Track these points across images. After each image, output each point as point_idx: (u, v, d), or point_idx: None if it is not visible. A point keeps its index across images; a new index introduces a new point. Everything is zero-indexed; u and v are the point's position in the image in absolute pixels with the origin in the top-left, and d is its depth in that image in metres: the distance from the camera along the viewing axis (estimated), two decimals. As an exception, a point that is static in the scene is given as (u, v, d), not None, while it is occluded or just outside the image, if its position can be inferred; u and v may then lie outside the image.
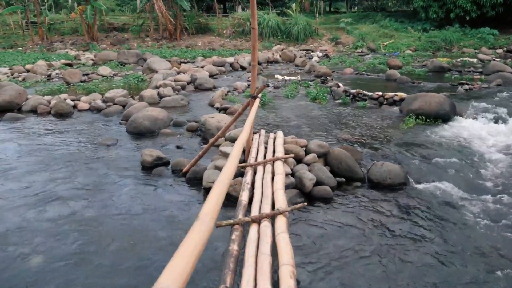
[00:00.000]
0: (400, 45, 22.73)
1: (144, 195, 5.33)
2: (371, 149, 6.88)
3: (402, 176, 5.51)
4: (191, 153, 6.99)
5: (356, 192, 5.35)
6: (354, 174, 5.61)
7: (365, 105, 10.19)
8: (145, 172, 6.13)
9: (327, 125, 8.49)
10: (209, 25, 29.51)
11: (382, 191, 5.36)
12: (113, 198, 5.26)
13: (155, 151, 6.46)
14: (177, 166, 6.08)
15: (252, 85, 5.14)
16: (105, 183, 5.75)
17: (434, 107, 8.67)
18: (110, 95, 10.80)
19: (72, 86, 13.51)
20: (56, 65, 17.82)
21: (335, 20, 30.78)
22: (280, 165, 4.40)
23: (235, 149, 3.04)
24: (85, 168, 6.33)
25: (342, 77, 14.27)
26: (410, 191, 5.40)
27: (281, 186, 3.77)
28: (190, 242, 1.51)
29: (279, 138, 5.55)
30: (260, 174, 4.31)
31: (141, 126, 8.13)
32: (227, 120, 7.79)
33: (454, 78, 13.06)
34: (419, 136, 7.62)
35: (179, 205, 5.04)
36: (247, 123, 4.18)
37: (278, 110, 9.85)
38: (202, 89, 12.73)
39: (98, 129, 8.67)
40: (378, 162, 5.74)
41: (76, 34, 29.08)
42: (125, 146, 7.46)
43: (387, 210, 4.89)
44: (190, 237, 1.53)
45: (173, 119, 8.92)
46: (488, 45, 21.81)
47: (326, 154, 5.83)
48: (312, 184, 5.09)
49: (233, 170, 2.61)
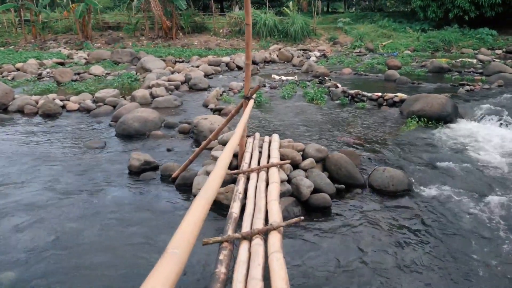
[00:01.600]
0: (398, 45, 22.43)
1: (128, 204, 4.97)
2: (371, 153, 6.54)
3: (405, 182, 5.18)
4: (182, 157, 6.64)
5: (357, 200, 5.00)
6: (355, 181, 5.27)
7: (364, 106, 9.86)
8: (132, 178, 5.77)
9: (325, 127, 8.16)
10: (206, 24, 29.11)
11: (384, 199, 5.02)
12: (94, 207, 4.90)
13: (143, 155, 6.10)
14: (166, 171, 5.73)
15: (245, 85, 4.80)
16: (87, 189, 5.38)
17: (436, 108, 8.35)
18: (101, 95, 10.43)
19: (63, 85, 13.11)
20: (47, 64, 17.40)
21: (333, 20, 30.46)
22: (275, 172, 4.04)
23: (223, 155, 2.70)
24: (68, 172, 5.97)
25: (340, 77, 13.94)
26: (414, 198, 5.06)
27: (275, 197, 3.42)
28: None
29: (274, 142, 5.19)
30: (253, 182, 3.95)
31: (130, 128, 7.77)
32: (220, 121, 7.45)
33: (454, 79, 12.75)
34: (421, 139, 7.29)
35: (165, 216, 4.68)
36: (239, 126, 3.84)
37: (274, 111, 9.51)
38: (197, 89, 12.37)
39: (86, 131, 8.30)
40: (380, 168, 5.40)
41: (70, 32, 28.61)
42: (113, 149, 7.09)
43: (390, 220, 4.56)
44: (151, 279, 1.19)
45: (165, 121, 8.56)
46: (487, 45, 21.53)
47: (324, 159, 5.49)
48: (309, 192, 4.74)
49: (219, 180, 2.27)
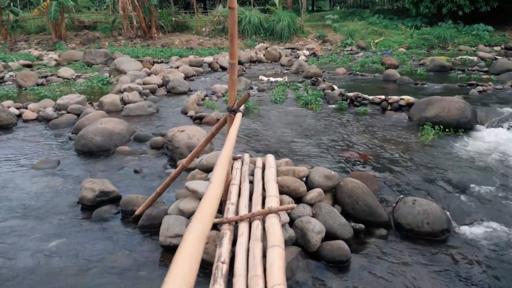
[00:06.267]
0: (391, 42, 21.28)
1: (69, 256, 3.60)
2: (387, 173, 5.27)
3: (444, 219, 3.90)
4: (152, 181, 5.30)
5: (383, 246, 3.72)
6: (376, 217, 3.98)
7: (366, 111, 8.61)
8: (83, 215, 4.40)
9: (325, 138, 6.88)
10: (187, 23, 27.63)
11: (418, 243, 3.74)
12: (25, 259, 3.52)
13: (100, 182, 4.72)
14: (129, 205, 4.36)
15: (230, 94, 3.48)
16: (19, 232, 3.99)
17: (454, 114, 7.14)
18: (63, 102, 8.99)
19: (25, 90, 11.61)
20: (13, 67, 15.80)
21: (320, 17, 29.26)
22: (276, 226, 2.68)
23: (204, 204, 1.41)
24: (2, 205, 4.57)
25: (334, 77, 12.68)
26: (456, 241, 3.81)
27: (280, 279, 2.10)
28: None
29: (270, 168, 3.84)
30: (243, 241, 2.63)
31: (91, 143, 6.37)
32: (200, 135, 6.11)
33: (460, 78, 11.60)
34: (444, 152, 6.05)
35: (121, 279, 3.33)
36: (225, 152, 2.54)
37: (264, 119, 8.19)
38: (175, 93, 10.99)
39: (40, 146, 6.88)
40: (408, 199, 4.12)
41: (43, 33, 26.87)
42: (67, 171, 5.69)
43: (433, 277, 3.29)
44: None
45: (135, 133, 7.19)
46: (483, 42, 20.53)
47: (335, 188, 4.20)
48: (320, 239, 3.45)
49: (201, 244, 0.98)
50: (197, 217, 1.36)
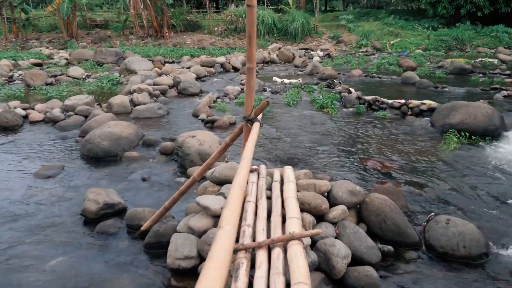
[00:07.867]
0: (408, 44, 20.78)
1: (69, 277, 3.26)
2: (413, 187, 4.87)
3: (482, 242, 3.51)
4: (161, 190, 4.97)
5: (415, 272, 3.33)
6: (405, 238, 3.60)
7: (385, 115, 8.22)
8: (85, 229, 4.07)
9: (344, 145, 6.50)
10: (199, 22, 27.35)
11: (454, 269, 3.35)
12: (20, 280, 3.20)
13: (105, 192, 4.40)
14: (135, 219, 4.03)
15: (246, 101, 3.13)
16: (17, 250, 3.67)
17: (481, 121, 6.72)
18: (71, 103, 8.71)
19: (33, 90, 11.38)
20: (23, 65, 15.62)
21: (334, 17, 28.80)
22: (299, 255, 2.32)
23: (223, 233, 1.08)
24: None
25: (350, 80, 12.27)
26: (495, 266, 3.41)
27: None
28: None
29: (289, 183, 3.47)
30: (262, 274, 2.28)
31: (97, 148, 6.07)
32: (211, 141, 5.77)
33: (482, 82, 11.13)
34: (473, 162, 5.64)
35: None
36: (242, 171, 2.21)
37: (278, 123, 7.83)
38: (187, 94, 10.68)
39: (45, 150, 6.60)
40: (441, 218, 3.73)
41: (55, 31, 26.80)
42: (71, 178, 5.39)
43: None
44: None
45: (144, 136, 6.88)
46: (503, 44, 19.95)
47: (360, 204, 3.83)
48: (346, 265, 3.08)
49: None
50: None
